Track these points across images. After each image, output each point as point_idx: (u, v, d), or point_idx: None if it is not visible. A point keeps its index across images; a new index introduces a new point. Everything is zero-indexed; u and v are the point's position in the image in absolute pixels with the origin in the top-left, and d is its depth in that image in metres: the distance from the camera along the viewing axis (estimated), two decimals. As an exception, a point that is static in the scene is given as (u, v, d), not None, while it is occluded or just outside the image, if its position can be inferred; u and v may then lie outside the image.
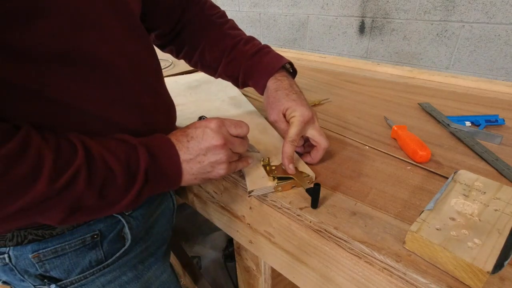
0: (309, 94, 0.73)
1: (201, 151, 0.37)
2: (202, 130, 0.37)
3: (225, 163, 0.38)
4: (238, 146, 0.39)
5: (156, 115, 0.42)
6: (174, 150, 0.36)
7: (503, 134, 0.51)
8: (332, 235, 0.34)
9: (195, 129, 0.38)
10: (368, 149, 0.49)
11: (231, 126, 0.39)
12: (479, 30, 1.03)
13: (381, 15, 1.23)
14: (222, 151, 0.37)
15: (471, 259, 0.26)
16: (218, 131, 0.37)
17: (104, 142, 0.33)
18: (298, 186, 0.41)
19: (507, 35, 0.99)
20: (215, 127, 0.37)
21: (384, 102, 0.68)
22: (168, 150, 0.36)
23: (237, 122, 0.39)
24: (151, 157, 0.34)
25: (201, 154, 0.37)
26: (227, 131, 0.38)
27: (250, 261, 0.57)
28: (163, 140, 0.37)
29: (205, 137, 0.37)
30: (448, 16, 1.08)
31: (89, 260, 0.40)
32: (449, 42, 1.10)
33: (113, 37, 0.35)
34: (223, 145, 0.37)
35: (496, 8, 0.98)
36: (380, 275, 0.31)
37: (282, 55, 0.52)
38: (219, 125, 0.37)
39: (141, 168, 0.33)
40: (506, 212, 0.31)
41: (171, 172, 0.36)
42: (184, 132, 0.38)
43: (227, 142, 0.37)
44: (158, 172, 0.35)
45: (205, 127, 0.37)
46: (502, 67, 1.03)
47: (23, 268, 0.38)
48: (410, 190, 0.39)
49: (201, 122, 0.38)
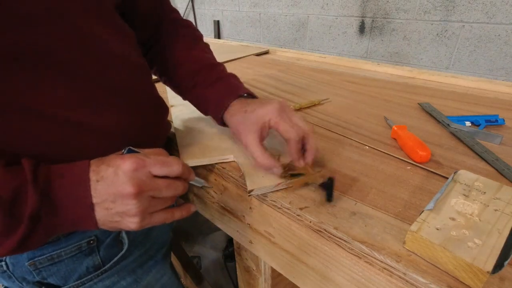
0: (309, 94, 0.73)
1: (108, 196, 0.30)
2: (114, 171, 0.31)
3: (137, 216, 0.31)
4: (165, 190, 0.33)
5: (137, 113, 0.39)
6: (82, 192, 0.30)
7: (503, 134, 0.51)
8: (332, 235, 0.34)
9: (107, 168, 0.31)
10: (368, 149, 0.49)
11: (154, 165, 0.32)
12: (479, 30, 1.03)
13: (381, 15, 1.23)
14: (133, 201, 0.31)
15: (471, 259, 0.26)
16: (132, 175, 0.30)
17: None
18: (311, 182, 0.38)
19: (507, 35, 0.99)
20: (129, 169, 0.30)
21: (384, 102, 0.68)
22: (74, 190, 0.30)
23: (163, 160, 0.33)
24: (45, 198, 0.28)
25: (108, 200, 0.30)
26: (148, 173, 0.32)
27: (250, 261, 0.57)
28: (73, 176, 0.30)
29: (115, 181, 0.30)
30: (448, 16, 1.08)
31: (86, 266, 0.39)
32: (449, 42, 1.10)
33: (76, 29, 0.32)
34: (136, 194, 0.30)
35: (496, 8, 0.98)
36: (380, 275, 0.31)
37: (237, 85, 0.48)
38: (135, 166, 0.31)
39: (26, 211, 0.27)
40: (506, 212, 0.31)
41: (75, 217, 0.30)
42: (98, 167, 0.31)
43: (145, 189, 0.31)
44: (55, 215, 0.29)
45: (117, 167, 0.31)
46: (502, 67, 1.03)
47: (21, 275, 0.37)
48: (410, 190, 0.39)
49: (117, 160, 0.31)
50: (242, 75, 0.89)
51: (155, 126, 0.44)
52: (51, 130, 0.32)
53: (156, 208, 0.33)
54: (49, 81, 0.30)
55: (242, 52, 1.15)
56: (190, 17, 2.58)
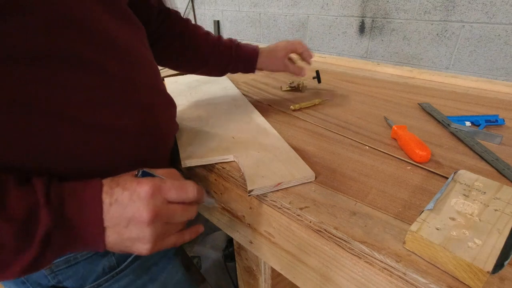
0: (309, 94, 0.73)
1: (122, 221, 0.29)
2: (129, 195, 0.30)
3: (149, 243, 0.31)
4: (179, 216, 0.32)
5: (154, 113, 0.39)
6: (94, 214, 0.29)
7: (503, 134, 0.51)
8: (332, 235, 0.34)
9: (122, 191, 0.30)
10: (368, 149, 0.49)
11: (170, 191, 0.31)
12: (479, 30, 1.03)
13: (381, 15, 1.23)
14: (148, 229, 0.30)
15: (471, 259, 0.26)
16: (149, 201, 0.30)
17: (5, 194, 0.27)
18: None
19: (507, 35, 0.99)
20: (146, 195, 0.30)
21: (384, 102, 0.68)
22: (86, 212, 0.29)
23: (179, 185, 0.32)
24: (58, 220, 0.28)
25: (121, 225, 0.30)
26: (164, 199, 0.31)
27: (250, 261, 0.57)
28: (86, 197, 0.29)
29: (130, 206, 0.29)
30: (448, 16, 1.08)
31: (103, 267, 0.39)
32: (449, 42, 1.10)
33: (100, 33, 0.32)
34: (151, 221, 0.30)
35: (496, 8, 0.98)
36: (380, 275, 0.31)
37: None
38: (152, 192, 0.30)
39: (38, 233, 0.27)
40: (506, 212, 0.31)
41: (85, 239, 0.29)
42: (111, 189, 0.30)
43: (161, 215, 0.31)
44: (66, 237, 0.28)
45: (133, 191, 0.30)
46: (502, 67, 1.03)
47: (35, 280, 0.37)
48: (410, 190, 0.39)
49: (132, 183, 0.30)
50: (242, 75, 0.89)
51: (168, 125, 0.44)
52: (71, 132, 0.31)
53: (169, 234, 0.33)
54: (72, 84, 0.30)
55: (242, 52, 1.15)
56: (190, 17, 2.58)
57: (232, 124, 0.56)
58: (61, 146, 0.31)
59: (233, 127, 0.55)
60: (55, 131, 0.30)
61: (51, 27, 0.27)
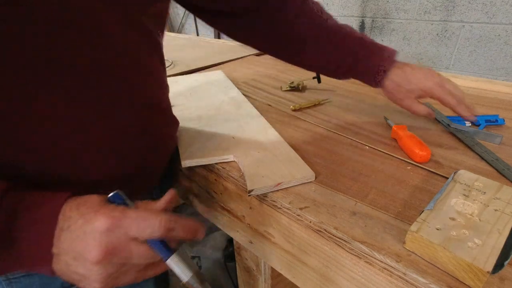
0: (309, 94, 0.73)
1: (70, 252, 0.26)
2: (83, 224, 0.26)
3: (97, 282, 0.26)
4: (139, 258, 0.27)
5: (152, 132, 0.38)
6: (44, 236, 0.26)
7: (503, 134, 0.51)
8: (332, 235, 0.34)
9: (77, 218, 0.26)
10: (368, 149, 0.49)
11: (131, 226, 0.26)
12: (479, 30, 1.03)
13: (381, 15, 1.23)
14: (96, 268, 0.25)
15: (471, 259, 0.26)
16: (102, 237, 0.25)
17: None
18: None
19: (507, 35, 0.99)
20: (100, 229, 0.25)
21: (384, 102, 0.68)
22: (37, 230, 0.26)
23: (144, 218, 0.27)
24: (3, 234, 0.25)
25: (69, 256, 0.26)
26: (124, 234, 0.26)
27: (250, 261, 0.57)
28: (42, 214, 0.26)
29: (81, 237, 0.25)
30: (448, 16, 1.08)
31: (61, 282, 0.36)
32: (449, 42, 1.10)
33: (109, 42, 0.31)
34: (100, 261, 0.25)
35: (496, 8, 0.98)
36: (380, 275, 0.31)
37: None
38: (108, 225, 0.25)
39: None
40: (506, 212, 0.31)
41: (31, 260, 0.27)
42: (70, 212, 0.26)
43: (115, 253, 0.26)
44: (9, 254, 0.26)
45: (88, 221, 0.26)
46: (502, 67, 1.03)
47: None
48: (410, 190, 0.39)
49: (92, 210, 0.26)
50: (242, 75, 0.89)
51: (165, 143, 0.43)
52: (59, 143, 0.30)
53: (124, 274, 0.28)
54: (70, 91, 0.30)
55: (242, 52, 1.15)
56: (191, 17, 2.58)
57: (232, 124, 0.56)
58: (58, 150, 0.31)
59: (233, 127, 0.55)
60: (49, 134, 0.30)
61: (52, 32, 0.27)
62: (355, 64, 0.52)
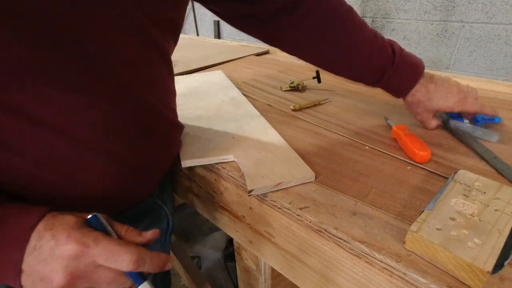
0: (310, 94, 0.73)
1: (36, 274, 0.26)
2: (52, 247, 0.26)
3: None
4: (106, 285, 0.27)
5: (153, 138, 0.38)
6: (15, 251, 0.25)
7: (500, 133, 0.51)
8: (332, 235, 0.34)
9: (50, 239, 0.26)
10: (368, 149, 0.49)
11: (99, 257, 0.26)
12: (479, 30, 1.03)
13: (381, 15, 1.23)
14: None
15: (471, 259, 0.26)
16: (68, 263, 0.25)
17: None
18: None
19: (507, 35, 0.99)
20: (67, 256, 0.25)
21: (384, 102, 0.68)
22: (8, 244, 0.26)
23: (114, 251, 0.26)
24: None
25: (35, 277, 0.26)
26: (91, 262, 0.26)
27: (250, 261, 0.57)
28: (16, 228, 0.26)
29: (47, 260, 0.25)
30: (448, 16, 1.08)
31: None
32: (449, 42, 1.10)
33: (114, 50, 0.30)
34: (64, 286, 0.26)
35: (496, 8, 0.98)
36: (380, 275, 0.31)
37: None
38: (75, 254, 0.25)
39: None
40: (506, 212, 0.31)
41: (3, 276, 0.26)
42: (44, 231, 0.26)
43: (80, 281, 0.26)
44: None
45: (57, 245, 0.25)
46: (502, 67, 1.03)
47: None
48: (410, 190, 0.39)
49: (62, 236, 0.26)
50: (242, 75, 0.89)
51: (168, 148, 0.43)
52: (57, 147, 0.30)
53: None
54: (69, 98, 0.29)
55: (242, 52, 1.15)
56: (190, 17, 2.58)
57: (232, 124, 0.56)
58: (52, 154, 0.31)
59: (233, 127, 0.55)
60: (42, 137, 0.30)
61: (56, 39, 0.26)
62: (381, 78, 0.52)
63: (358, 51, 0.50)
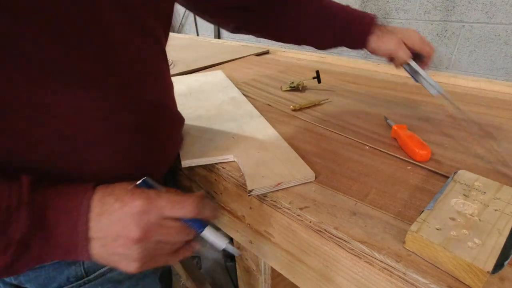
0: (310, 94, 0.73)
1: (110, 234, 0.28)
2: (121, 207, 0.28)
3: (137, 262, 0.29)
4: (174, 236, 0.30)
5: (155, 130, 0.38)
6: (80, 222, 0.27)
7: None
8: (332, 235, 0.34)
9: (114, 202, 0.28)
10: (368, 149, 0.49)
11: (165, 206, 0.29)
12: (479, 30, 1.03)
13: (381, 15, 1.23)
14: (136, 247, 0.28)
15: (471, 259, 0.26)
16: (140, 217, 0.28)
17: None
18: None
19: (507, 35, 0.99)
20: (138, 210, 0.28)
21: (384, 102, 0.68)
22: (71, 219, 0.27)
23: (177, 200, 0.29)
24: (38, 223, 0.26)
25: (109, 238, 0.28)
26: (159, 215, 0.29)
27: (250, 261, 0.57)
28: (73, 202, 0.27)
29: (119, 219, 0.27)
30: (448, 16, 1.08)
31: (67, 276, 0.37)
32: (449, 42, 1.10)
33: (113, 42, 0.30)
34: (140, 239, 0.28)
35: (496, 8, 0.98)
36: (380, 275, 0.31)
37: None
38: (145, 207, 0.28)
39: (15, 235, 0.25)
40: (506, 212, 0.31)
41: (67, 248, 0.28)
42: (103, 198, 0.28)
43: (152, 233, 0.28)
44: (47, 242, 0.27)
45: (125, 204, 0.28)
46: (502, 67, 1.03)
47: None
48: (410, 190, 0.39)
49: (126, 194, 0.28)
50: (242, 75, 0.89)
51: (172, 141, 0.43)
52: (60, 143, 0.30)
53: (161, 253, 0.30)
54: (76, 92, 0.29)
55: (242, 52, 1.15)
56: (191, 17, 2.58)
57: (232, 124, 0.56)
58: (63, 147, 0.31)
59: (233, 127, 0.55)
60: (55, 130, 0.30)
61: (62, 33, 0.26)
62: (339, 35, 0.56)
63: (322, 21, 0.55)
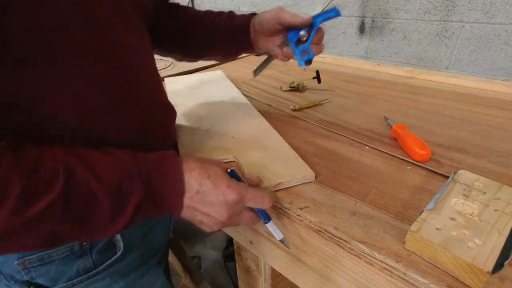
0: (309, 94, 0.73)
1: (200, 208, 0.33)
2: (217, 195, 0.33)
3: (212, 230, 0.36)
4: (246, 222, 0.36)
5: (147, 119, 0.40)
6: (180, 191, 0.33)
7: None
8: (332, 235, 0.34)
9: (212, 187, 0.33)
10: (368, 149, 0.49)
11: (250, 200, 0.35)
12: (479, 30, 1.03)
13: (381, 15, 1.23)
14: (219, 224, 0.35)
15: (471, 259, 0.26)
16: (231, 207, 0.34)
17: (96, 163, 0.29)
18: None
19: (507, 35, 0.99)
20: (232, 202, 0.33)
21: (384, 102, 0.68)
22: (173, 188, 0.32)
23: (260, 196, 0.35)
24: (148, 193, 0.31)
25: (198, 212, 0.34)
26: (243, 206, 0.35)
27: (250, 261, 0.57)
28: (172, 173, 0.33)
29: (214, 203, 0.33)
30: (448, 16, 1.08)
31: (77, 269, 0.39)
32: (449, 42, 1.10)
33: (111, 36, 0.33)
34: (223, 222, 0.34)
35: (496, 8, 0.98)
36: (380, 275, 0.31)
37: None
38: (237, 201, 0.33)
39: (132, 203, 0.30)
40: (506, 212, 0.31)
41: (168, 209, 0.33)
42: (203, 180, 0.33)
43: (233, 218, 0.35)
44: (152, 206, 0.32)
45: (222, 193, 0.33)
46: (502, 67, 1.03)
47: (9, 273, 0.37)
48: (410, 190, 0.39)
49: (222, 184, 0.33)
50: (242, 75, 0.89)
51: (163, 130, 0.44)
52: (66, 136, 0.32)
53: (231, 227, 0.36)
54: (68, 86, 0.30)
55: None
56: (190, 17, 2.58)
57: (232, 124, 0.56)
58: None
59: (233, 127, 0.55)
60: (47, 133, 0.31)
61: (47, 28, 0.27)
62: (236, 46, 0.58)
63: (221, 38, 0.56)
